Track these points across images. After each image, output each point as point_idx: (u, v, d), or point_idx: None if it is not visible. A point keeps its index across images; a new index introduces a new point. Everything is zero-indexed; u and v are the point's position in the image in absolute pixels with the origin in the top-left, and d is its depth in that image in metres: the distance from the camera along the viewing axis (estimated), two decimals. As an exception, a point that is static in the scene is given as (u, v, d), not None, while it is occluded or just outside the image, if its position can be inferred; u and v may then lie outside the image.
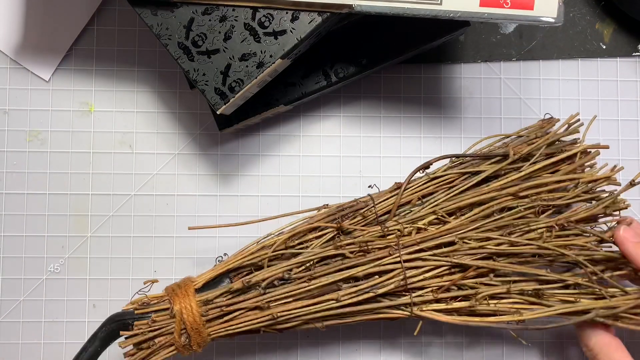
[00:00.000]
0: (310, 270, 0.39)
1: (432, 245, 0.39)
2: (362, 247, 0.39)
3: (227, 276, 0.40)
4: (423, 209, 0.41)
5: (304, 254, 0.39)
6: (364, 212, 0.41)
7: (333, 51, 0.44)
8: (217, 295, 0.39)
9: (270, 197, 0.47)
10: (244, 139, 0.47)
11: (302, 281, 0.39)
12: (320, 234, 0.40)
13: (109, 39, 0.47)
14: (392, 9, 0.37)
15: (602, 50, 0.48)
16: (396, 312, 0.39)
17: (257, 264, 0.40)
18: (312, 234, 0.41)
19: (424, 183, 0.42)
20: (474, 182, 0.41)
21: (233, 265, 0.40)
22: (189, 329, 0.38)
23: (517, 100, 0.48)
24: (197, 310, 0.39)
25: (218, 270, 0.40)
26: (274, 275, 0.39)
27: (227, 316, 0.39)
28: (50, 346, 0.46)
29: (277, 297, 0.39)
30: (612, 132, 0.48)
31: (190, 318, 0.38)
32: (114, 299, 0.46)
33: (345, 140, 0.47)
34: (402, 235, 0.40)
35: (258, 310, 0.39)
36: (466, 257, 0.39)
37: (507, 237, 0.39)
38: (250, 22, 0.39)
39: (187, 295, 0.39)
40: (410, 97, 0.48)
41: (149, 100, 0.47)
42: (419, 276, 0.39)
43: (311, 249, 0.40)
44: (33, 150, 0.47)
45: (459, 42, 0.48)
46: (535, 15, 0.37)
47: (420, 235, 0.40)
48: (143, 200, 0.47)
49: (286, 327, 0.39)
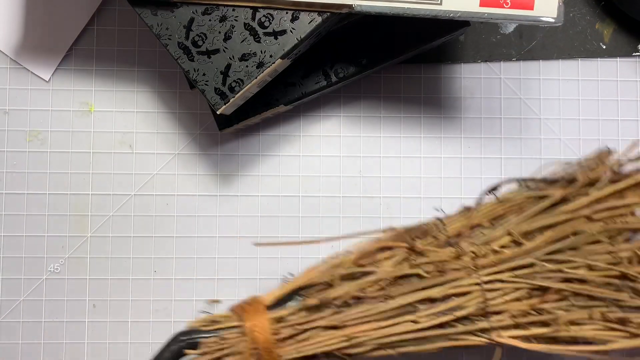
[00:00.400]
0: (385, 290, 0.37)
1: (510, 267, 0.38)
2: (438, 267, 0.38)
3: (295, 295, 0.39)
4: (496, 230, 0.40)
5: (378, 272, 0.38)
6: (435, 235, 0.40)
7: (333, 51, 0.44)
8: (291, 313, 0.37)
9: (270, 197, 0.47)
10: (244, 139, 0.47)
11: (377, 300, 0.37)
12: (391, 255, 0.39)
13: (109, 39, 0.47)
14: (392, 9, 0.37)
15: (602, 50, 0.48)
16: (474, 338, 0.37)
17: (327, 282, 0.38)
18: (381, 254, 0.39)
19: (492, 205, 0.41)
20: (544, 205, 0.40)
21: (303, 283, 0.38)
22: (261, 348, 0.36)
23: (517, 100, 0.48)
24: (270, 328, 0.37)
25: (288, 287, 0.39)
26: (349, 293, 0.37)
27: (300, 335, 0.37)
28: (50, 346, 0.46)
29: (352, 317, 0.37)
30: (612, 132, 0.48)
31: (262, 336, 0.36)
32: (114, 299, 0.46)
33: (345, 140, 0.47)
34: (477, 256, 0.39)
35: (333, 330, 0.37)
36: (546, 280, 0.38)
37: (588, 260, 0.38)
38: (250, 22, 0.39)
39: (258, 311, 0.37)
40: (410, 97, 0.48)
41: (149, 100, 0.47)
42: (498, 299, 0.37)
43: (382, 269, 0.38)
44: (33, 150, 0.47)
45: (459, 42, 0.48)
46: (535, 15, 0.37)
47: (496, 256, 0.39)
48: (143, 200, 0.47)
49: (358, 351, 0.37)
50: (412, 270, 0.38)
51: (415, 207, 0.47)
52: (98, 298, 0.46)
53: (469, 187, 0.47)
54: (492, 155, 0.47)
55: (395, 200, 0.47)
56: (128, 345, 0.46)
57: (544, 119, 0.48)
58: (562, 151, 0.48)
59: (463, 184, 0.47)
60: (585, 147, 0.48)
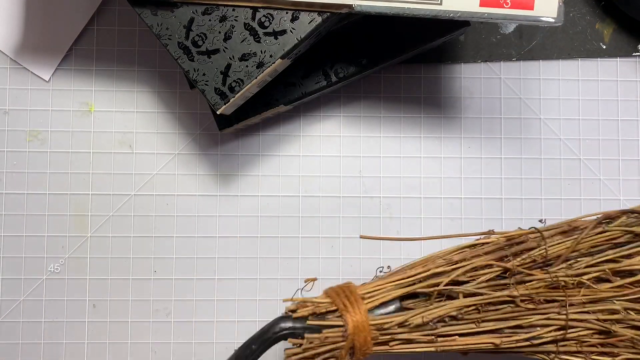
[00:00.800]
0: (480, 313, 0.39)
1: (598, 309, 0.39)
2: (530, 293, 0.39)
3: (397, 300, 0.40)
4: (592, 262, 0.40)
5: (476, 296, 0.39)
6: (533, 251, 0.40)
7: (333, 51, 0.44)
8: (393, 325, 0.38)
9: (270, 197, 0.47)
10: (244, 139, 0.47)
11: (470, 321, 0.39)
12: (489, 271, 0.40)
13: (109, 39, 0.47)
14: (392, 9, 0.37)
15: (602, 50, 0.48)
16: (540, 355, 0.39)
17: (428, 293, 0.40)
18: (479, 263, 0.40)
19: (596, 233, 0.41)
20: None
21: (405, 292, 0.39)
22: (356, 351, 0.38)
23: (517, 100, 0.48)
24: (370, 335, 0.38)
25: (391, 294, 0.39)
26: (448, 314, 0.39)
27: (394, 342, 0.38)
28: (50, 346, 0.46)
29: (445, 333, 0.38)
30: (612, 132, 0.48)
31: (362, 342, 0.38)
32: (114, 299, 0.46)
33: (345, 140, 0.47)
34: (567, 287, 0.39)
35: (426, 343, 0.38)
36: (629, 330, 0.39)
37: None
38: (250, 22, 0.39)
39: (360, 313, 0.38)
40: (410, 97, 0.48)
41: (149, 100, 0.47)
42: (574, 333, 0.39)
43: (477, 283, 0.40)
44: (33, 150, 0.47)
45: (459, 42, 0.48)
46: (535, 15, 0.37)
47: (587, 293, 0.39)
48: (143, 200, 0.47)
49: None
50: (509, 297, 0.39)
51: (415, 207, 0.47)
52: (98, 298, 0.46)
53: (469, 187, 0.47)
54: (492, 155, 0.47)
55: (395, 200, 0.47)
56: (128, 345, 0.46)
57: (544, 119, 0.48)
58: (562, 151, 0.48)
59: (463, 184, 0.47)
60: (585, 147, 0.48)
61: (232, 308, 0.46)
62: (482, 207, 0.47)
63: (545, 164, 0.47)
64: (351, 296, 0.39)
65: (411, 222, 0.47)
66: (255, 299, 0.46)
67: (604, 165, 0.48)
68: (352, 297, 0.39)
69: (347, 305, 0.39)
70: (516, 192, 0.47)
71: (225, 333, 0.46)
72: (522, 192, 0.47)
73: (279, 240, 0.47)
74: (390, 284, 0.40)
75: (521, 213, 0.47)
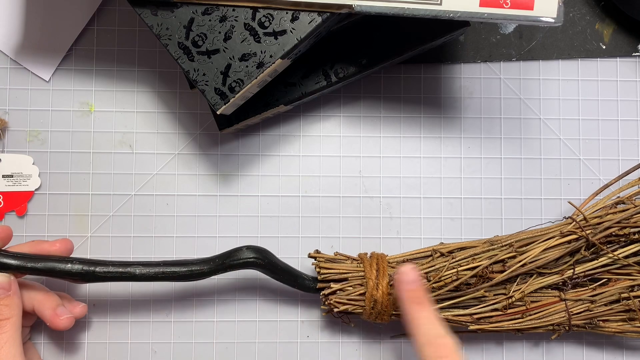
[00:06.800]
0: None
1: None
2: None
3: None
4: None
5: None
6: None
7: (333, 51, 0.44)
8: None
9: (270, 197, 0.47)
10: (244, 139, 0.47)
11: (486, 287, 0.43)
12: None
13: (109, 39, 0.47)
14: (392, 9, 0.37)
15: (602, 50, 0.48)
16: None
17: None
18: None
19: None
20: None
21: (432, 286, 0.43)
22: (377, 302, 0.42)
23: (517, 100, 0.48)
24: (388, 291, 0.42)
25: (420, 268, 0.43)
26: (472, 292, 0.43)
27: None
28: (50, 346, 0.46)
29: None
30: (612, 132, 0.48)
31: (380, 294, 0.42)
32: (114, 298, 0.46)
33: (345, 140, 0.47)
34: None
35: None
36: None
37: None
38: (250, 22, 0.39)
39: (382, 288, 0.42)
40: (410, 97, 0.48)
41: (149, 100, 0.47)
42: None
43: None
44: (33, 150, 0.47)
45: (459, 42, 0.48)
46: (535, 16, 0.37)
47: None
48: (143, 200, 0.47)
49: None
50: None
51: (415, 207, 0.47)
52: (98, 298, 0.46)
53: (469, 187, 0.47)
54: (492, 155, 0.47)
55: (395, 200, 0.47)
56: (128, 345, 0.46)
57: (544, 119, 0.48)
58: (562, 151, 0.48)
59: (463, 184, 0.47)
60: (585, 147, 0.48)
61: (232, 308, 0.46)
62: (482, 207, 0.47)
63: (545, 164, 0.47)
64: (376, 255, 0.43)
65: (411, 222, 0.47)
66: (255, 299, 0.46)
67: (604, 165, 0.48)
68: (382, 271, 0.42)
69: (371, 277, 0.42)
70: (516, 192, 0.47)
71: (225, 333, 0.46)
72: (522, 192, 0.47)
73: (279, 240, 0.47)
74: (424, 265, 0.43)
75: (521, 213, 0.47)
